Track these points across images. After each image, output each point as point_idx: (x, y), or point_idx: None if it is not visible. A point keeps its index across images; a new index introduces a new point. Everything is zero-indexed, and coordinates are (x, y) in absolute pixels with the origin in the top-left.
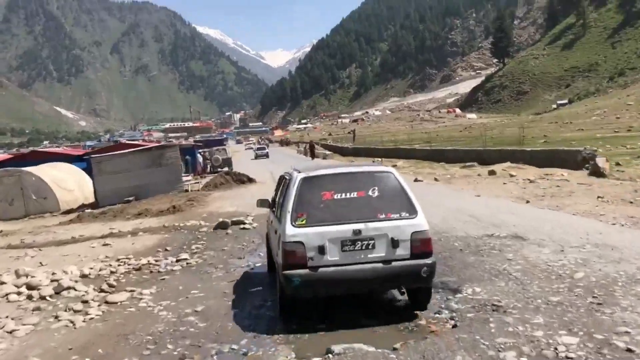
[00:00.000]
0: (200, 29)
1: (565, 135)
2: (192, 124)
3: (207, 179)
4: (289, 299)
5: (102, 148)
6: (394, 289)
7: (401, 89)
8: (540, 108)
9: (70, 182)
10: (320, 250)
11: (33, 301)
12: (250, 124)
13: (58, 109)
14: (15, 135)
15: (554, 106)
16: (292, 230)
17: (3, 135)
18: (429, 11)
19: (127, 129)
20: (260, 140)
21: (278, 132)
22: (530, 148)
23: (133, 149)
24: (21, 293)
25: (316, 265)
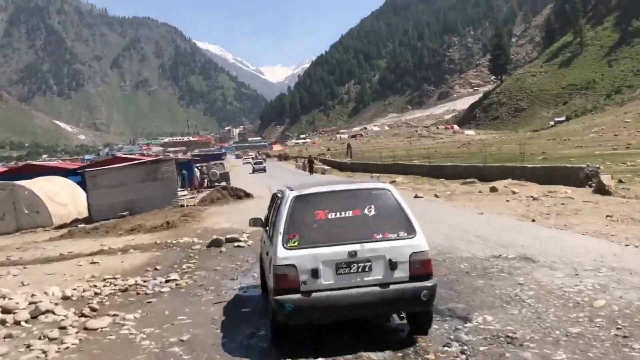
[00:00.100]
0: (201, 44)
1: (564, 152)
2: (191, 139)
3: (204, 193)
4: (281, 325)
5: (97, 162)
6: (393, 314)
7: (399, 105)
8: (538, 125)
9: (64, 196)
10: (313, 273)
11: (6, 327)
12: (249, 138)
13: (58, 122)
14: (15, 149)
15: (552, 123)
16: (283, 253)
17: (2, 148)
18: (427, 29)
19: (126, 143)
20: (257, 154)
21: (277, 147)
22: (531, 165)
23: (128, 163)
24: None
25: (309, 289)
